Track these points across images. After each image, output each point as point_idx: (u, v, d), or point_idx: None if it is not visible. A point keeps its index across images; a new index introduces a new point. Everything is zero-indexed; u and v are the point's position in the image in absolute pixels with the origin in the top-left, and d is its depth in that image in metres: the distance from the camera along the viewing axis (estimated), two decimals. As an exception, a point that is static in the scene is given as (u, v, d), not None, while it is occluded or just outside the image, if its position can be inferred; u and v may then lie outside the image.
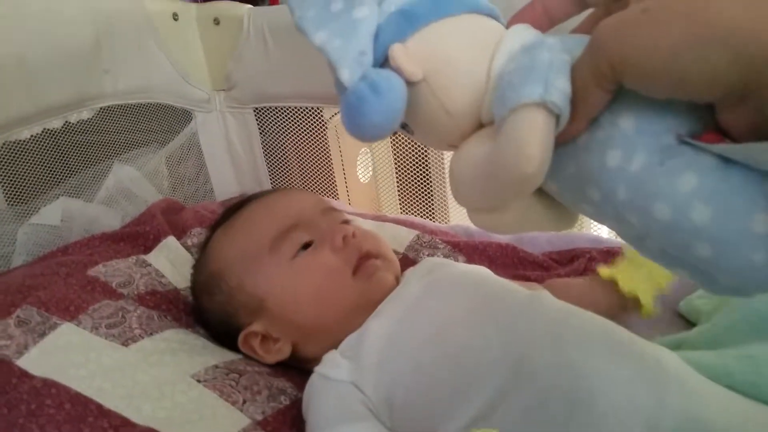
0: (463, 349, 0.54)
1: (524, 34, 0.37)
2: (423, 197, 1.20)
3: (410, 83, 0.36)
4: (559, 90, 0.32)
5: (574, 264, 0.81)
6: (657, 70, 0.29)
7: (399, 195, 1.23)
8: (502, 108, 0.33)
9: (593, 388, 0.48)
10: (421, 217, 1.18)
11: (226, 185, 1.16)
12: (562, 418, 0.47)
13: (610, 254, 0.81)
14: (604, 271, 0.66)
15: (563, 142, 0.34)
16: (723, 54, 0.27)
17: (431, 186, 1.19)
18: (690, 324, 0.70)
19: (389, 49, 0.37)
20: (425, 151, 1.14)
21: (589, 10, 0.40)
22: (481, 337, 0.54)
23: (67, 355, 0.60)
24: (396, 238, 0.89)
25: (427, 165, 1.17)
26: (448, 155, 1.14)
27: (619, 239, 0.86)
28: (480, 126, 0.38)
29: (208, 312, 0.70)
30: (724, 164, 0.29)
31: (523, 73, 0.33)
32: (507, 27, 0.39)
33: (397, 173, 1.22)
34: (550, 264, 0.83)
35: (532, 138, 0.32)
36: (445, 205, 1.20)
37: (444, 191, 1.18)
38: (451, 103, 0.37)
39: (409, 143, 1.15)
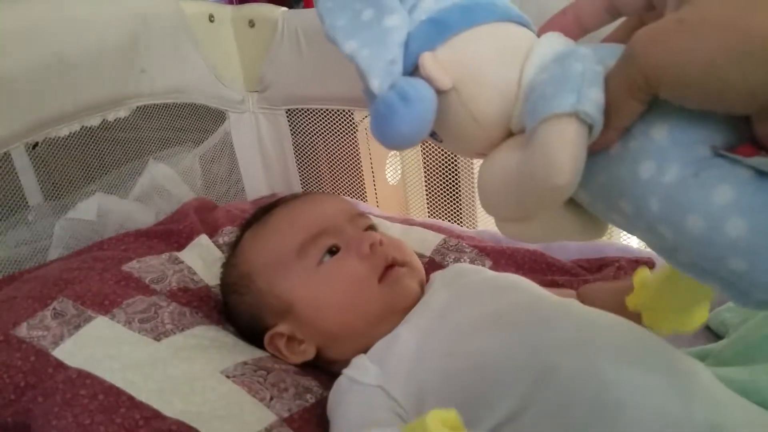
0: (488, 356, 0.54)
1: (555, 42, 0.37)
2: (451, 201, 1.20)
3: (440, 92, 0.36)
4: (592, 100, 0.31)
5: (603, 272, 0.80)
6: (693, 81, 0.28)
7: (427, 198, 1.23)
8: (534, 118, 0.33)
9: (619, 398, 0.47)
10: (449, 221, 1.18)
11: (257, 185, 1.17)
12: (586, 427, 0.47)
13: (639, 264, 0.81)
14: (630, 301, 0.63)
15: (595, 151, 0.34)
16: (761, 66, 0.26)
17: (460, 190, 1.19)
18: (717, 336, 0.69)
19: (419, 57, 0.37)
20: (454, 155, 1.14)
21: (622, 19, 0.40)
22: (507, 345, 0.54)
23: (101, 348, 0.61)
24: (423, 242, 0.89)
25: (456, 169, 1.17)
26: (477, 161, 1.14)
27: (649, 249, 0.86)
28: (509, 134, 0.38)
29: (236, 311, 0.71)
30: (760, 177, 0.29)
31: (555, 84, 0.33)
32: (538, 35, 0.39)
33: (425, 177, 1.22)
34: (579, 271, 0.82)
35: (564, 149, 0.32)
36: (473, 209, 1.20)
37: (472, 196, 1.18)
38: (480, 113, 0.37)
39: (438, 147, 1.15)
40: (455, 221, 1.20)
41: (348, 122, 1.09)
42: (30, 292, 0.67)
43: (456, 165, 1.16)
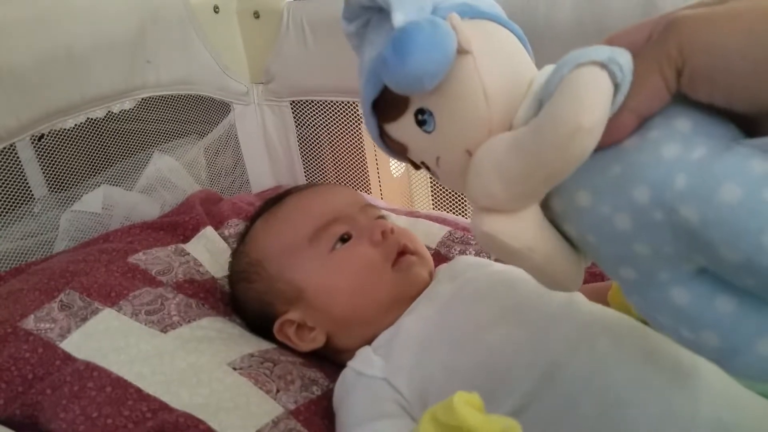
0: (493, 352, 0.54)
1: None
2: (455, 193, 1.20)
3: (459, 52, 0.35)
4: (625, 60, 0.31)
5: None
6: (722, 63, 0.29)
7: (431, 190, 1.23)
8: (562, 70, 0.32)
9: (624, 395, 0.47)
10: (453, 213, 1.18)
11: (261, 177, 1.17)
12: (592, 424, 0.47)
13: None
14: (611, 299, 0.61)
15: (609, 142, 0.33)
16: None
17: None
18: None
19: (448, 16, 0.36)
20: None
21: None
22: (512, 341, 0.54)
23: (108, 340, 0.62)
24: (428, 234, 0.89)
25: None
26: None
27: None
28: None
29: (245, 300, 0.71)
30: None
31: (581, 51, 0.32)
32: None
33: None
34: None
35: (596, 91, 0.30)
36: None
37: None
38: (491, 84, 0.36)
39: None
40: (459, 213, 1.20)
41: (353, 114, 1.08)
42: (37, 284, 0.67)
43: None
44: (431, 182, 1.20)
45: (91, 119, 0.85)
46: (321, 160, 1.16)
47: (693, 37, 0.30)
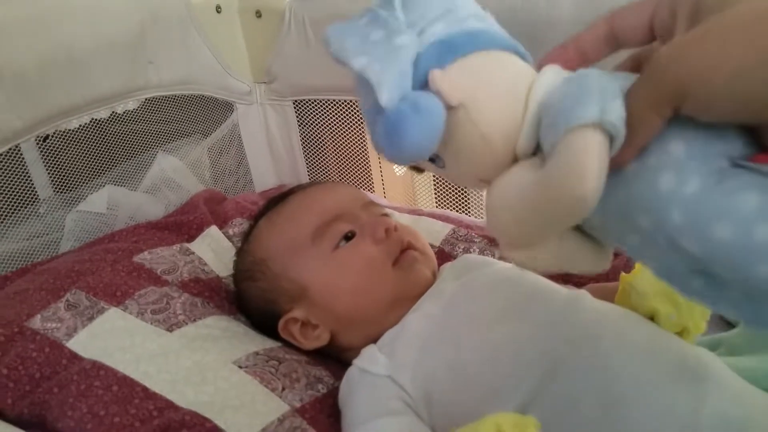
0: (498, 349, 0.55)
1: (558, 72, 0.37)
2: (458, 191, 1.20)
3: (448, 108, 0.36)
4: (616, 112, 0.31)
5: (614, 260, 0.80)
6: (720, 90, 0.28)
7: (435, 188, 1.23)
8: (556, 131, 0.32)
9: (629, 392, 0.47)
10: (457, 211, 1.18)
11: (264, 176, 1.17)
12: (596, 420, 0.47)
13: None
14: (618, 301, 0.61)
15: (611, 170, 0.33)
16: None
17: (467, 180, 1.19)
18: (729, 325, 0.69)
19: (429, 73, 0.37)
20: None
21: (625, 53, 0.39)
22: (516, 339, 0.55)
23: (114, 339, 0.62)
24: (431, 232, 0.89)
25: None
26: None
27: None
28: (515, 160, 0.38)
29: (250, 298, 0.71)
30: None
31: (574, 98, 0.32)
32: (538, 68, 0.39)
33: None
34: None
35: (590, 158, 0.31)
36: (480, 199, 1.20)
37: (480, 186, 1.18)
38: (487, 129, 0.37)
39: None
40: (462, 211, 1.20)
41: (355, 112, 1.08)
42: (43, 284, 0.68)
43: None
44: (434, 180, 1.21)
45: (96, 120, 0.85)
46: (324, 159, 1.16)
47: (684, 73, 0.30)
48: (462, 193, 1.19)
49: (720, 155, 0.31)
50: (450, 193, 1.17)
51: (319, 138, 1.14)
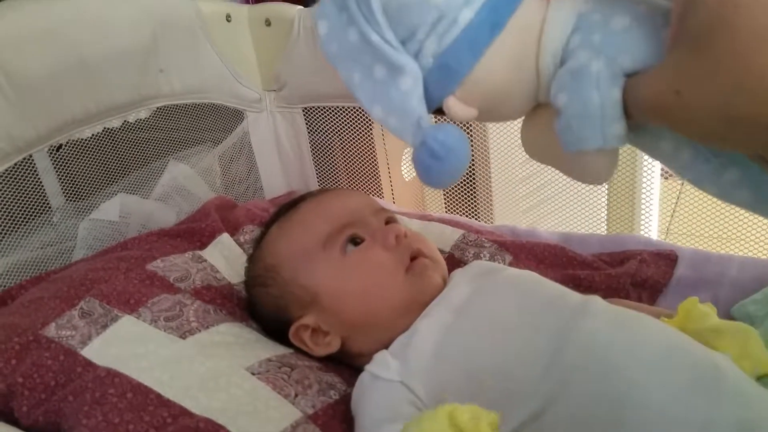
0: (509, 356, 0.54)
1: (565, 18, 0.37)
2: (467, 196, 1.20)
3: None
4: (615, 136, 0.35)
5: (624, 265, 0.80)
6: (695, 136, 0.33)
7: (444, 193, 1.23)
8: (565, 147, 0.37)
9: (644, 397, 0.47)
10: (467, 216, 1.18)
11: (274, 183, 1.18)
12: (611, 427, 0.47)
13: (660, 257, 0.80)
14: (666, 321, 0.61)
15: None
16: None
17: (476, 185, 1.19)
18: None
19: (444, 104, 0.40)
20: (471, 149, 1.13)
21: None
22: (528, 345, 0.54)
23: (128, 347, 0.62)
24: (441, 237, 0.89)
25: (472, 164, 1.17)
26: (493, 156, 1.14)
27: (671, 241, 0.85)
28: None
29: (261, 304, 0.71)
30: None
31: (579, 120, 0.36)
32: None
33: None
34: (600, 265, 0.82)
35: (598, 172, 0.38)
36: (489, 204, 1.20)
37: (489, 190, 1.18)
38: (508, 115, 0.41)
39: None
40: (473, 216, 1.20)
41: (363, 119, 1.09)
42: (57, 292, 0.68)
43: (472, 160, 1.16)
44: (444, 185, 1.21)
45: (108, 129, 0.86)
46: (333, 166, 1.17)
47: (660, 122, 0.34)
48: (471, 198, 1.19)
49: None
50: (460, 197, 1.17)
51: (329, 145, 1.15)
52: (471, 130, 1.13)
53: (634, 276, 0.77)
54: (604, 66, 0.35)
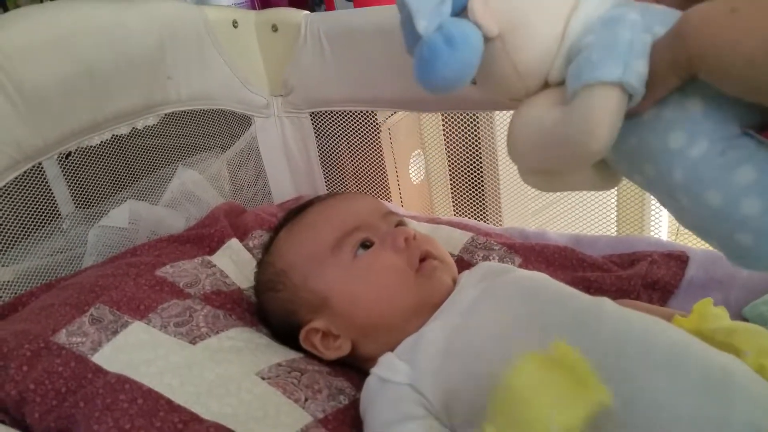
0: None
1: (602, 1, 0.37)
2: (476, 199, 1.20)
3: (485, 39, 0.37)
4: (638, 73, 0.33)
5: (635, 267, 0.79)
6: (733, 72, 0.29)
7: (452, 196, 1.23)
8: (578, 81, 0.34)
9: (655, 400, 0.47)
10: (475, 218, 1.18)
11: (283, 188, 1.18)
12: (621, 428, 0.47)
13: (671, 257, 0.80)
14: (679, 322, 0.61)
15: (628, 117, 0.35)
16: None
17: (484, 187, 1.19)
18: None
19: (469, 5, 0.37)
20: (478, 152, 1.14)
21: None
22: (538, 348, 0.54)
23: (138, 352, 0.62)
24: (450, 241, 0.89)
25: (480, 166, 1.17)
26: (501, 158, 1.13)
27: (681, 243, 0.85)
28: (545, 85, 0.39)
29: (271, 309, 0.72)
30: None
31: (603, 50, 0.34)
32: None
33: (450, 175, 1.22)
34: (610, 266, 0.81)
35: (604, 117, 0.33)
36: (498, 207, 1.20)
37: (497, 193, 1.18)
38: (522, 64, 0.38)
39: (462, 144, 1.15)
40: (481, 219, 1.20)
41: (371, 123, 1.09)
42: (67, 299, 0.68)
43: (480, 162, 1.16)
44: (452, 188, 1.21)
45: (116, 136, 0.86)
46: (341, 170, 1.17)
47: (701, 49, 0.31)
48: (480, 201, 1.19)
49: (734, 120, 0.33)
50: (468, 200, 1.17)
51: (336, 149, 1.15)
52: (479, 134, 1.13)
53: (645, 277, 0.76)
54: (639, 18, 0.35)
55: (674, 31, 0.32)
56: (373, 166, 1.15)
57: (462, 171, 1.19)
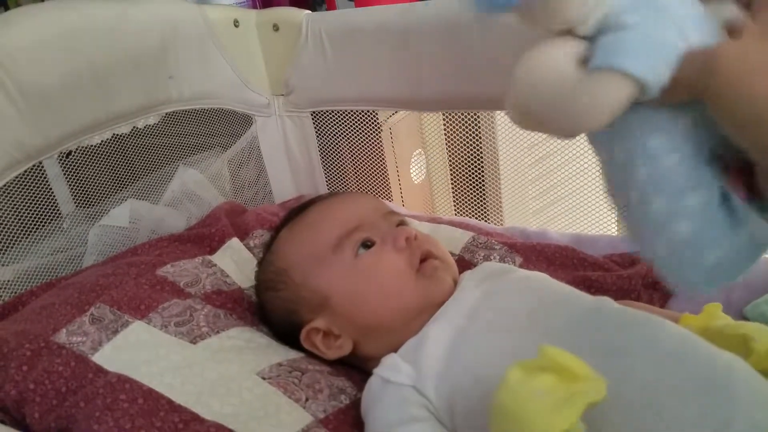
0: (521, 360, 0.54)
1: None
2: (477, 198, 1.20)
3: None
4: (659, 75, 0.33)
5: (636, 266, 0.79)
6: (739, 124, 0.31)
7: (453, 196, 1.23)
8: (604, 59, 0.34)
9: (657, 399, 0.47)
10: (476, 218, 1.18)
11: (284, 187, 1.18)
12: (625, 427, 0.47)
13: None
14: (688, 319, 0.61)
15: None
16: None
17: (485, 187, 1.19)
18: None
19: None
20: (479, 152, 1.13)
21: None
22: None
23: (139, 352, 0.62)
24: (451, 240, 0.89)
25: (481, 166, 1.17)
26: (502, 157, 1.13)
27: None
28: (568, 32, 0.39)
29: (272, 308, 0.71)
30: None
31: (638, 37, 0.34)
32: None
33: (451, 174, 1.22)
34: (611, 266, 0.81)
35: (612, 105, 0.34)
36: (499, 206, 1.20)
37: (498, 192, 1.18)
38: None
39: (463, 143, 1.15)
40: (482, 218, 1.20)
41: (372, 122, 1.09)
42: (68, 298, 0.68)
43: (481, 162, 1.16)
44: (453, 188, 1.21)
45: (117, 135, 0.86)
46: (342, 169, 1.17)
47: (721, 91, 0.32)
48: (481, 200, 1.18)
49: (709, 142, 0.35)
50: (469, 200, 1.17)
51: (338, 148, 1.15)
52: (480, 133, 1.13)
53: (646, 277, 0.76)
54: (685, 18, 0.35)
55: (706, 58, 0.33)
56: (374, 166, 1.15)
57: (463, 170, 1.19)
